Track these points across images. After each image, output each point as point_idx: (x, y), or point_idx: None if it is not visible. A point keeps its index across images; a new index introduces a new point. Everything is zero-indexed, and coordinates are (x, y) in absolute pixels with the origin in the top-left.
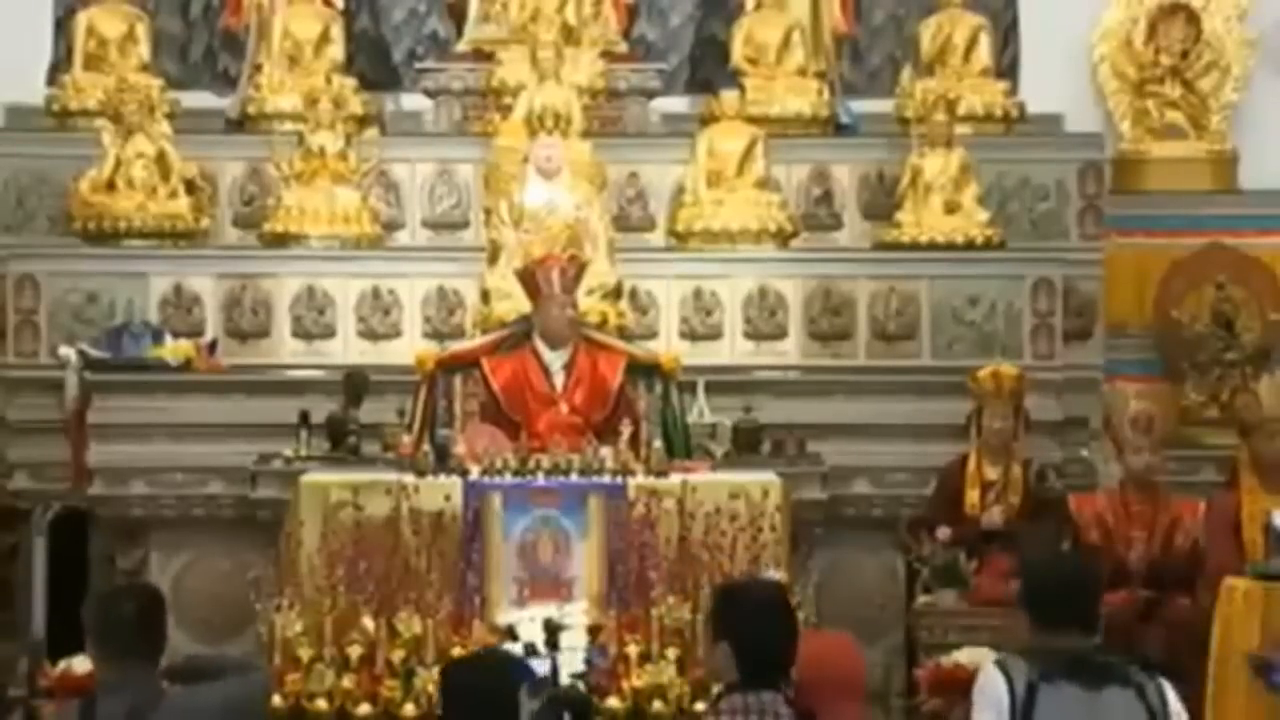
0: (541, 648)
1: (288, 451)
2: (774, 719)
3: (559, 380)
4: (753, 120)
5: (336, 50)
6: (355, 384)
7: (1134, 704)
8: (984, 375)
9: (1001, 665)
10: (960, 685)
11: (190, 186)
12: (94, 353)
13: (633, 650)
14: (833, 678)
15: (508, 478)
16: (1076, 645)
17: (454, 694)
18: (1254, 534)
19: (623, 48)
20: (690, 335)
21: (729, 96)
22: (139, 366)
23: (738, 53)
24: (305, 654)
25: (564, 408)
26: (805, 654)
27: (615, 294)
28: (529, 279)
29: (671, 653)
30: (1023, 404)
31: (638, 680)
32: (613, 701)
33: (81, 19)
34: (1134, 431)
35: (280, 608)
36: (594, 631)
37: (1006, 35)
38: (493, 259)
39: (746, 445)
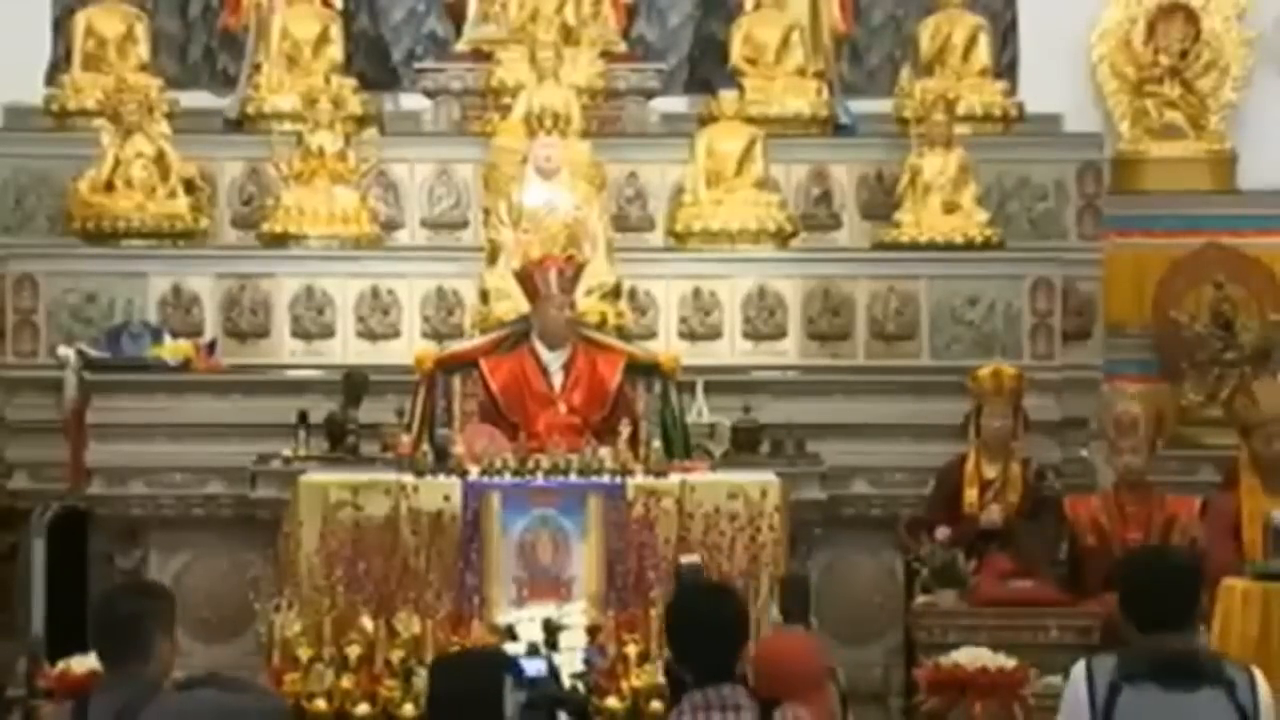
0: (541, 647)
1: (287, 451)
2: (735, 711)
3: (557, 380)
4: (752, 120)
5: (335, 50)
6: (354, 384)
7: (1223, 702)
8: (984, 374)
9: (1089, 664)
10: (959, 685)
11: (189, 186)
12: (93, 353)
13: (631, 650)
14: (790, 676)
15: (507, 478)
16: (1170, 645)
17: (438, 691)
18: (1254, 534)
19: (622, 48)
20: (689, 335)
21: (728, 96)
22: (138, 366)
23: (737, 53)
24: (304, 654)
25: (562, 408)
26: (764, 654)
27: (614, 294)
28: (527, 279)
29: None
30: (1021, 403)
31: (636, 680)
32: (611, 701)
33: (80, 19)
34: (1118, 433)
35: (279, 607)
36: (593, 631)
37: (1005, 35)
38: (492, 259)
39: (745, 445)
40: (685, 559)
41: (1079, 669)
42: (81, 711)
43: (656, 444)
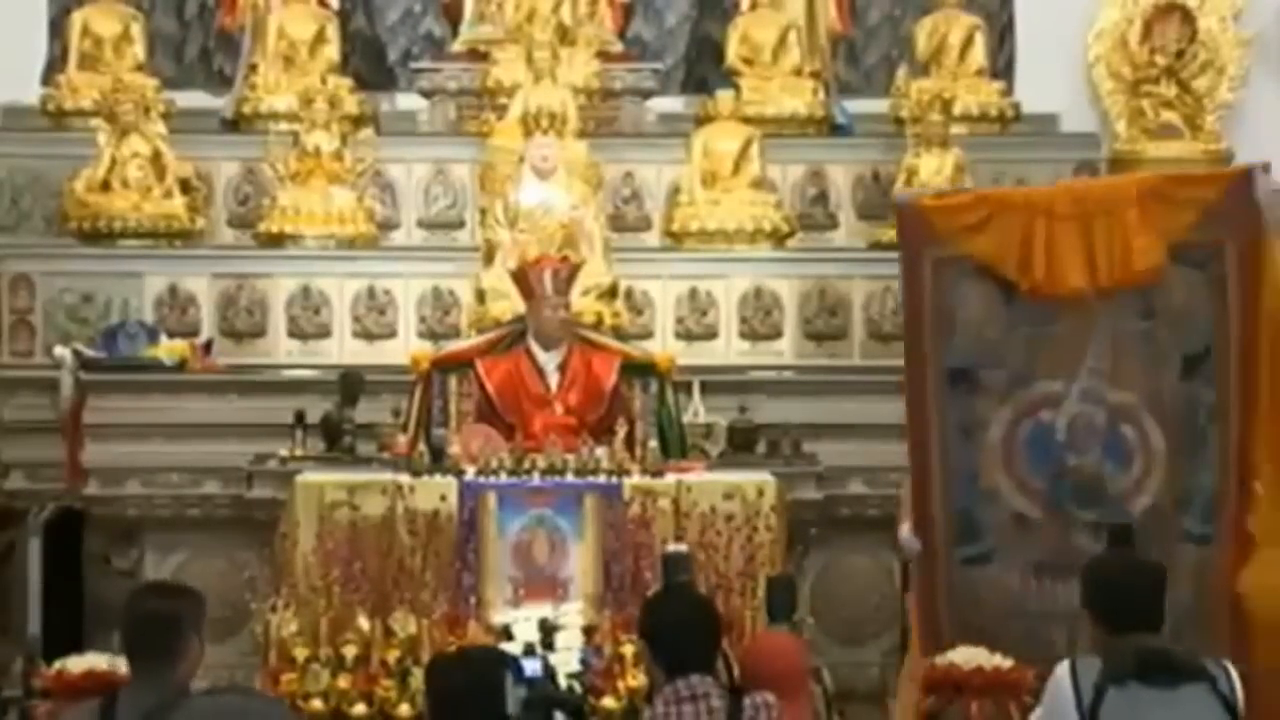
0: (537, 648)
1: (283, 451)
2: (704, 699)
3: (553, 381)
4: (748, 120)
5: (332, 50)
6: (351, 384)
7: (1208, 697)
8: None
9: (1073, 666)
10: (955, 685)
11: (185, 186)
12: (89, 353)
13: (628, 650)
14: (772, 675)
15: (503, 477)
16: (1145, 645)
17: (438, 689)
18: None
19: (618, 48)
20: (686, 335)
21: (724, 96)
22: (134, 366)
23: (733, 53)
24: (300, 654)
25: (558, 408)
26: (747, 654)
27: (611, 294)
28: (522, 280)
29: None
30: None
31: (633, 680)
32: (608, 701)
33: (76, 18)
34: None
35: (275, 608)
36: (589, 631)
37: (1002, 35)
38: (488, 259)
39: (742, 445)
40: (672, 548)
41: (1063, 670)
42: (110, 710)
43: (653, 444)
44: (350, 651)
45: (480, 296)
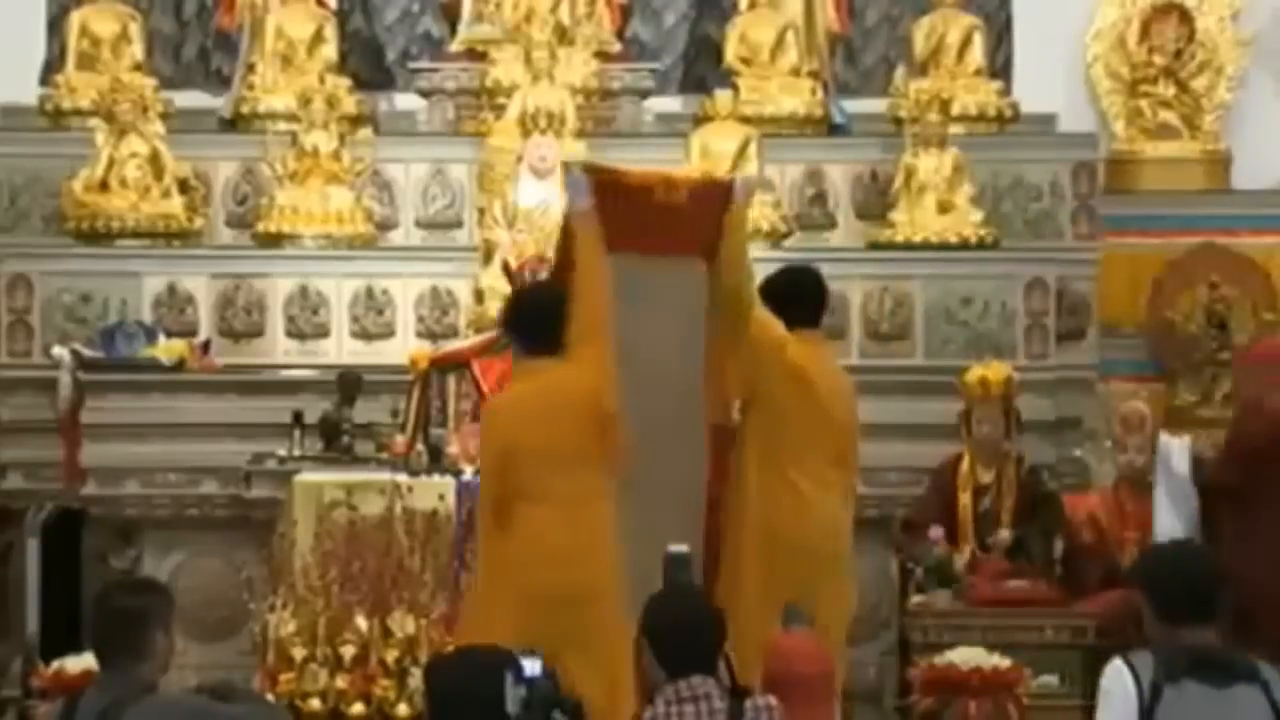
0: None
1: (281, 451)
2: (705, 700)
3: None
4: (746, 120)
5: (330, 50)
6: (349, 384)
7: (1260, 700)
8: (971, 380)
9: (1130, 663)
10: (953, 685)
11: (183, 186)
12: (87, 352)
13: None
14: (799, 678)
15: None
16: (1201, 641)
17: (438, 690)
18: None
19: (616, 47)
20: None
21: (723, 96)
22: (132, 366)
23: (731, 52)
24: (299, 654)
25: None
26: (772, 655)
27: None
28: (510, 281)
29: None
30: (1013, 405)
31: None
32: None
33: (75, 18)
34: (1124, 430)
35: (274, 607)
36: None
37: (1000, 35)
38: (486, 259)
39: None
40: (673, 548)
41: (1121, 668)
42: (70, 709)
43: None
44: (348, 651)
45: (478, 296)
